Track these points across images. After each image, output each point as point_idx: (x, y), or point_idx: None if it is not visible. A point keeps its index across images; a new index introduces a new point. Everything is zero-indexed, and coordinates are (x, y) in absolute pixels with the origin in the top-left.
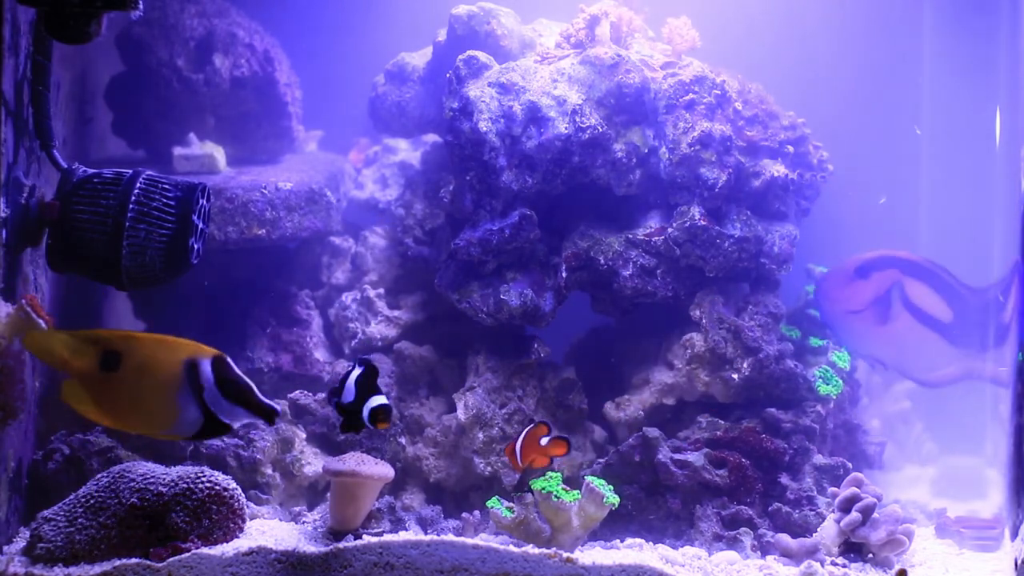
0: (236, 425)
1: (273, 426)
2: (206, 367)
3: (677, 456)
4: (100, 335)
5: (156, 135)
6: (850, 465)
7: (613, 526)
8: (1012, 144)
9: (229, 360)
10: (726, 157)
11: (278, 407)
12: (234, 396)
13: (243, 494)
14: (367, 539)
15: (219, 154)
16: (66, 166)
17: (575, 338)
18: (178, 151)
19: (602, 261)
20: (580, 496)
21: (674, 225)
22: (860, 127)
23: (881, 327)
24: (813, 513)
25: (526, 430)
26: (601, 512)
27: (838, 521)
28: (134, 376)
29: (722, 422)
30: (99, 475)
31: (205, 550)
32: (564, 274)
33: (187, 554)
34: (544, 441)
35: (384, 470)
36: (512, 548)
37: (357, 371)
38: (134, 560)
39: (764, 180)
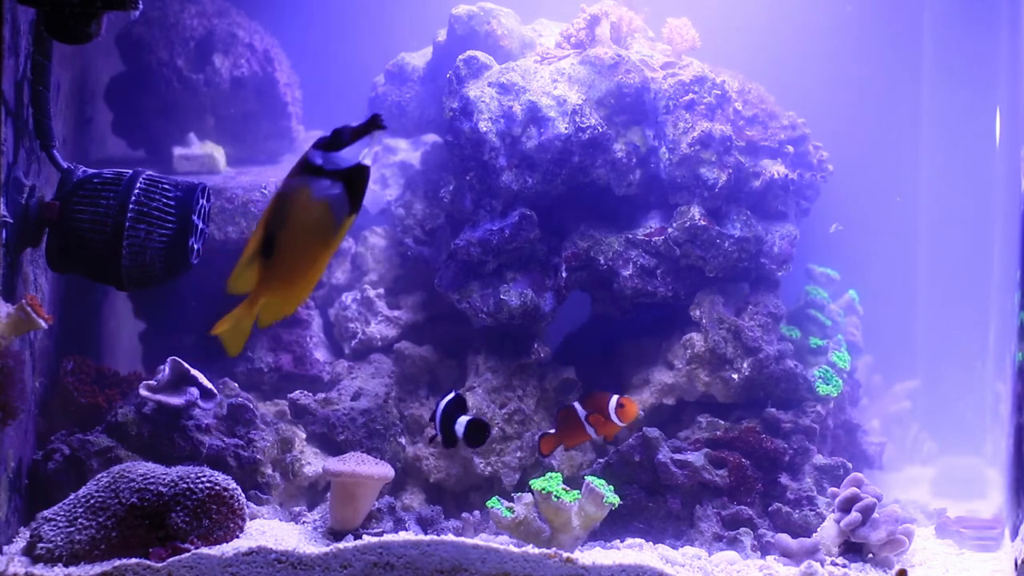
0: (365, 160)
1: (384, 128)
2: (310, 153)
3: (677, 456)
4: (247, 250)
5: (156, 135)
6: (850, 465)
7: (613, 526)
8: (1012, 144)
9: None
10: (726, 157)
11: (377, 120)
12: (338, 144)
13: (243, 494)
14: (367, 539)
15: (219, 154)
16: (66, 166)
17: (575, 338)
18: (178, 151)
19: (602, 261)
20: (580, 496)
21: (674, 225)
22: (860, 127)
23: None
24: (813, 513)
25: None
26: (601, 512)
27: (838, 521)
28: (290, 223)
29: (722, 422)
30: (99, 475)
31: (205, 550)
32: (564, 274)
33: (187, 554)
34: (613, 403)
35: (384, 470)
36: (512, 548)
37: (450, 396)
38: (134, 560)
39: (764, 180)
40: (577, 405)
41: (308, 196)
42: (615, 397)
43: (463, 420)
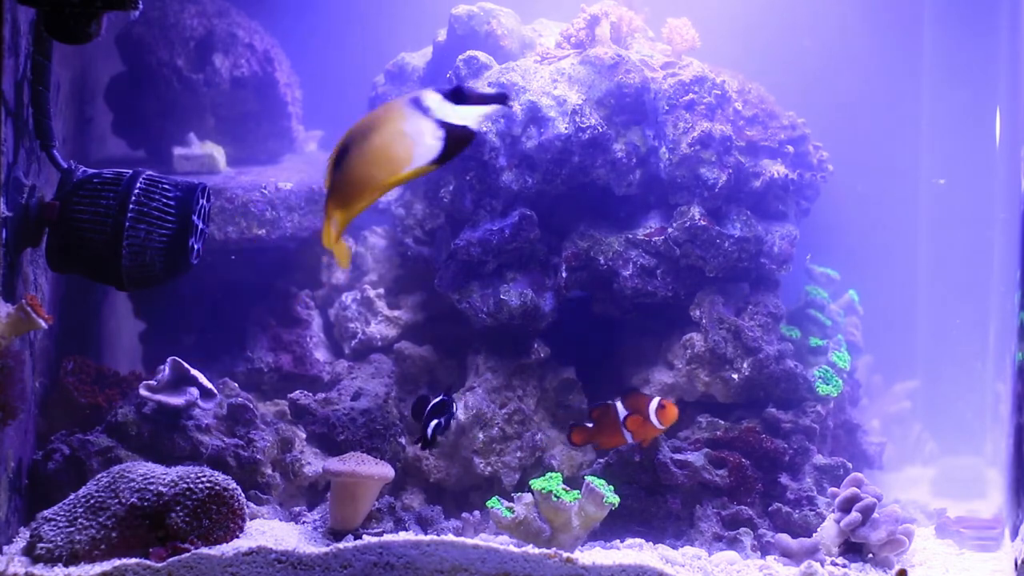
0: (472, 123)
1: (507, 104)
2: (428, 92)
3: (677, 456)
4: (330, 158)
5: (156, 135)
6: (850, 465)
7: (613, 526)
8: (1012, 144)
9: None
10: (726, 157)
11: (503, 92)
12: (460, 98)
13: (243, 494)
14: (367, 539)
15: (219, 154)
16: (66, 166)
17: (575, 338)
18: (178, 151)
19: (602, 261)
20: (580, 496)
21: (674, 225)
22: (860, 127)
23: None
24: (813, 513)
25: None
26: (601, 512)
27: (838, 521)
28: (368, 142)
29: (722, 422)
30: (99, 475)
31: (205, 550)
32: (564, 274)
33: (187, 554)
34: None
35: (384, 470)
36: (512, 548)
37: (436, 400)
38: (134, 560)
39: (764, 180)
40: (619, 404)
41: (400, 127)
42: (656, 399)
43: (432, 423)
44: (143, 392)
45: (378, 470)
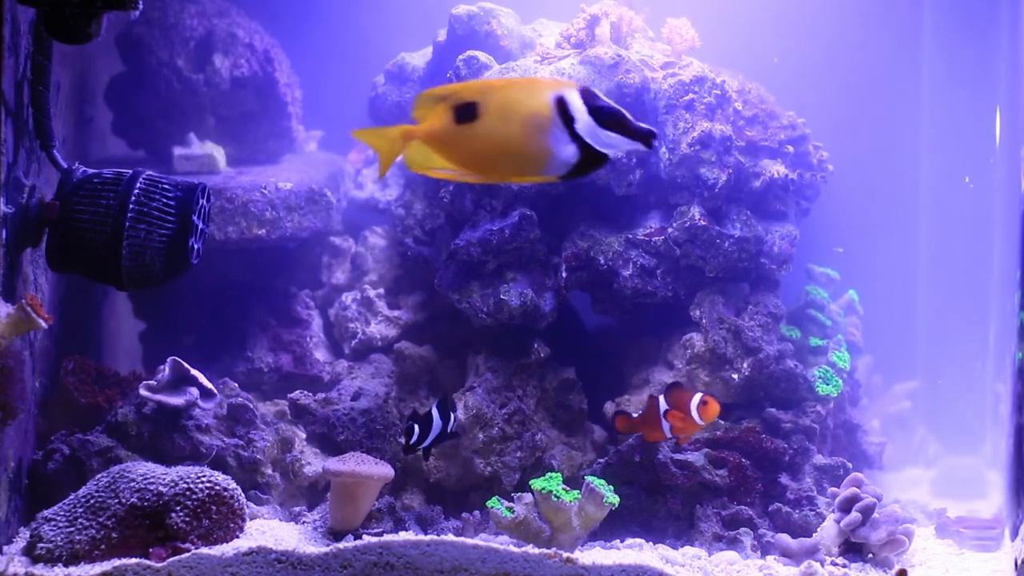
0: (612, 153)
1: (650, 149)
2: (576, 99)
3: (677, 456)
4: (448, 90)
5: (156, 135)
6: (850, 465)
7: (613, 526)
8: (1012, 144)
9: (593, 89)
10: (726, 157)
11: (652, 129)
12: (610, 123)
13: (243, 494)
14: (367, 539)
15: (219, 154)
16: (66, 166)
17: (575, 338)
18: (178, 151)
19: (602, 261)
20: (580, 496)
21: (674, 225)
22: (860, 127)
23: None
24: (813, 513)
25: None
26: (601, 512)
27: (838, 521)
28: (497, 122)
29: (722, 422)
30: (99, 475)
31: (205, 550)
32: (564, 274)
33: (187, 554)
34: (695, 403)
35: (384, 470)
36: (512, 548)
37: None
38: (134, 560)
39: (764, 180)
40: (661, 399)
41: (542, 125)
42: (699, 394)
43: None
44: (143, 392)
45: (378, 470)
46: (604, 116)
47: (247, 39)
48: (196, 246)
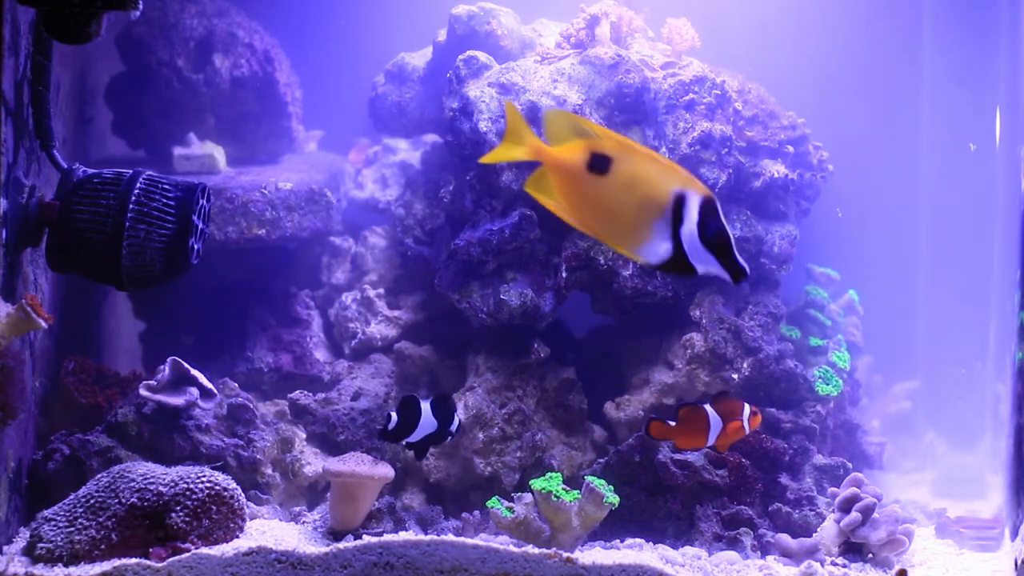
0: (701, 270)
1: (738, 284)
2: (694, 205)
3: (677, 456)
4: (590, 128)
5: (156, 135)
6: (850, 465)
7: (613, 526)
8: (1012, 144)
9: (718, 204)
10: (726, 157)
11: (746, 267)
12: (712, 243)
13: (243, 494)
14: (367, 539)
15: (219, 154)
16: (66, 166)
17: (575, 338)
18: (178, 151)
19: (602, 261)
20: (580, 496)
21: None
22: (860, 127)
23: None
24: (813, 513)
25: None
26: (601, 512)
27: (838, 521)
28: (619, 187)
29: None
30: (99, 475)
31: (205, 550)
32: (564, 274)
33: (187, 554)
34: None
35: (384, 470)
36: (512, 548)
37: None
38: (134, 560)
39: (764, 180)
40: (709, 409)
41: (650, 215)
42: (747, 405)
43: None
44: (143, 392)
45: (378, 470)
46: (710, 234)
47: (247, 39)
48: (196, 246)
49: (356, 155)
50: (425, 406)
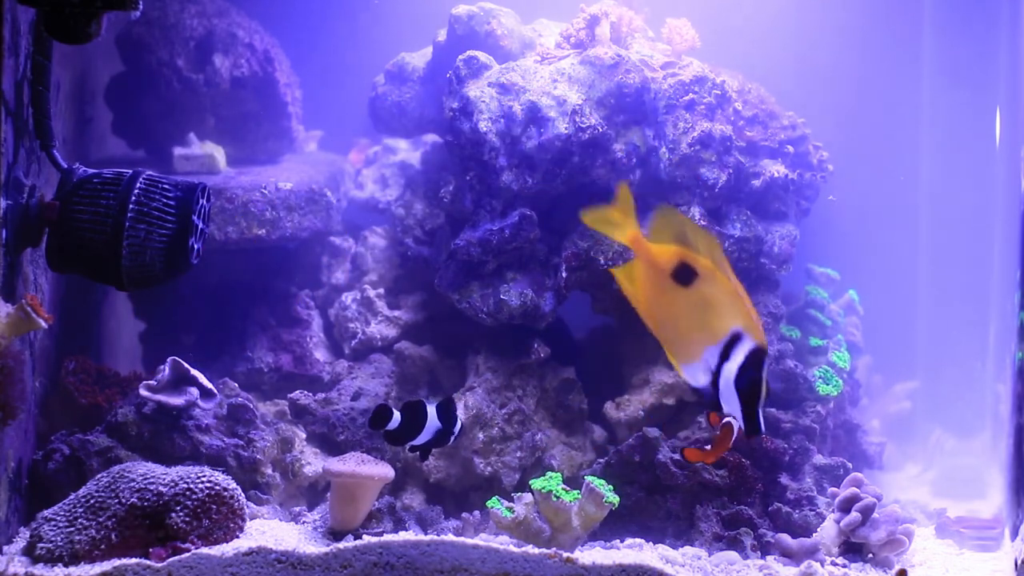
0: (725, 410)
1: (748, 438)
2: (743, 350)
3: (677, 456)
4: (688, 234)
5: (156, 135)
6: (850, 465)
7: (613, 526)
8: (1012, 144)
9: (766, 356)
10: (726, 157)
11: (762, 428)
12: (742, 392)
13: (243, 494)
14: (367, 539)
15: (219, 154)
16: (66, 166)
17: (575, 338)
18: (178, 151)
19: (602, 261)
20: (580, 496)
21: None
22: (860, 127)
23: None
24: (813, 513)
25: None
26: (601, 512)
27: (838, 521)
28: (692, 304)
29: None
30: (99, 475)
31: (205, 550)
32: (564, 274)
33: (187, 554)
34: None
35: (384, 470)
36: (512, 548)
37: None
38: (134, 560)
39: (764, 180)
40: (733, 421)
41: (706, 341)
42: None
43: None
44: (143, 392)
45: (378, 470)
46: (743, 383)
47: (247, 39)
48: (196, 246)
49: (356, 155)
50: (431, 409)
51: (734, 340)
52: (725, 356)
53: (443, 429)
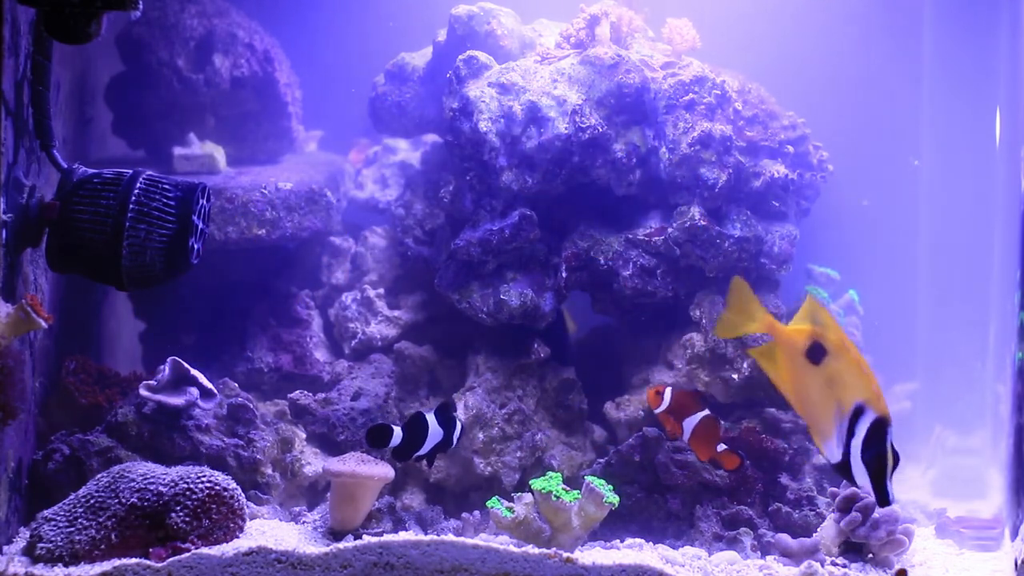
0: (859, 483)
1: (881, 507)
2: (865, 423)
3: (677, 456)
4: (823, 324)
5: (156, 135)
6: None
7: (613, 526)
8: (1012, 144)
9: (889, 428)
10: (726, 157)
11: (891, 498)
12: (868, 465)
13: (243, 494)
14: (367, 539)
15: (219, 154)
16: (66, 166)
17: (575, 338)
18: (178, 151)
19: (602, 261)
20: (580, 496)
21: (674, 225)
22: (860, 127)
23: None
24: (813, 513)
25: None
26: (601, 512)
27: (838, 521)
28: (823, 381)
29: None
30: (99, 475)
31: (205, 550)
32: (564, 274)
33: (187, 554)
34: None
35: (384, 470)
36: (512, 548)
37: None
38: (134, 560)
39: (764, 180)
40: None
41: (835, 414)
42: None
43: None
44: (143, 392)
45: (378, 470)
46: (867, 456)
47: (247, 39)
48: (196, 246)
49: (356, 155)
50: (430, 418)
51: (856, 414)
52: (852, 431)
53: (445, 434)
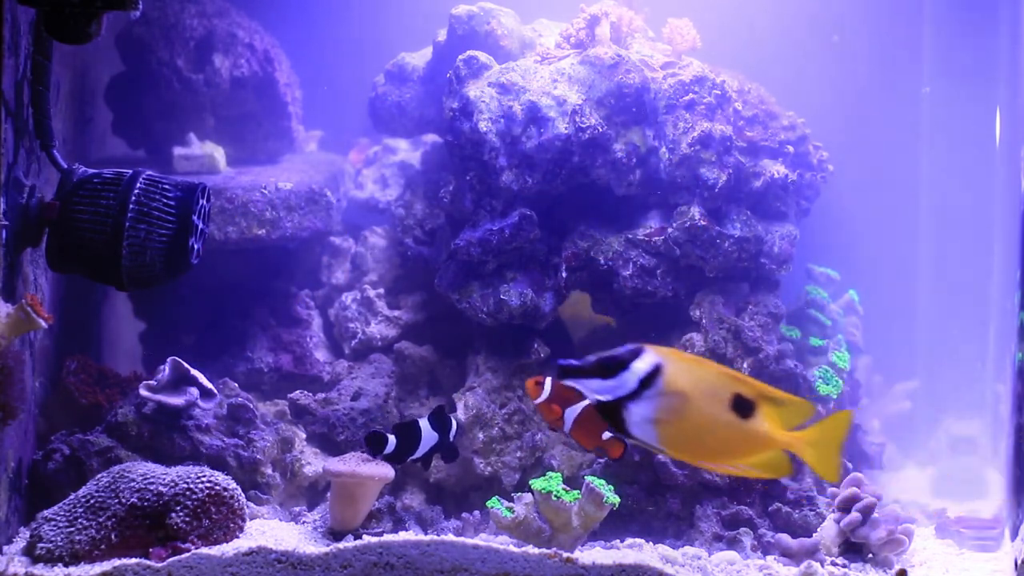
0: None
1: None
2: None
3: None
4: (742, 381)
5: (156, 135)
6: (850, 465)
7: (613, 526)
8: (1012, 144)
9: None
10: (726, 157)
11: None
12: None
13: (243, 494)
14: (367, 539)
15: (219, 154)
16: (66, 166)
17: (575, 338)
18: (178, 151)
19: (602, 261)
20: (580, 496)
21: (674, 225)
22: (860, 127)
23: None
24: (813, 513)
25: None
26: (601, 512)
27: (838, 521)
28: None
29: None
30: (99, 475)
31: (205, 550)
32: (564, 274)
33: (187, 554)
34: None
35: (384, 470)
36: (512, 548)
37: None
38: (134, 560)
39: (764, 180)
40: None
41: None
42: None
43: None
44: (143, 392)
45: (378, 470)
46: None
47: (247, 39)
48: (196, 246)
49: (356, 155)
50: (423, 423)
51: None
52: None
53: (440, 437)
